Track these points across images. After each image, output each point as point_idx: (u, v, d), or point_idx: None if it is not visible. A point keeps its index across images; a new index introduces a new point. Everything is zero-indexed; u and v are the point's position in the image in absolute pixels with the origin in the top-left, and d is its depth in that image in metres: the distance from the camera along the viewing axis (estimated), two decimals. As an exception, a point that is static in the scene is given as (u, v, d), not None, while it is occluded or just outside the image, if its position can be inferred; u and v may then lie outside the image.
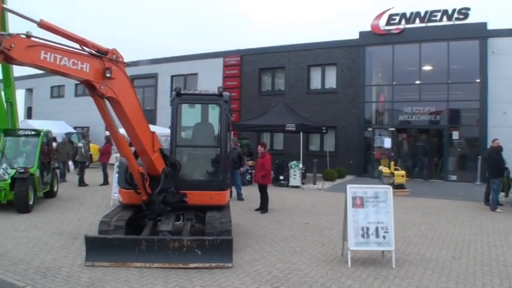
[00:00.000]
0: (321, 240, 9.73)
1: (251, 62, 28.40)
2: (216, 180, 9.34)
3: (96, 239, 7.87)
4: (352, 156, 24.85)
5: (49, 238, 9.56)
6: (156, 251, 7.55)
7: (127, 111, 7.74)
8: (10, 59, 5.99)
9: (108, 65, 7.28)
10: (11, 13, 6.33)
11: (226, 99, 9.47)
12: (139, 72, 30.82)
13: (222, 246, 7.63)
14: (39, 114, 39.00)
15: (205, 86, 22.35)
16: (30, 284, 6.73)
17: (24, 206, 12.31)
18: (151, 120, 28.15)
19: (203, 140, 10.11)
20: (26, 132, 14.91)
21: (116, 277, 7.03)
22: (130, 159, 8.38)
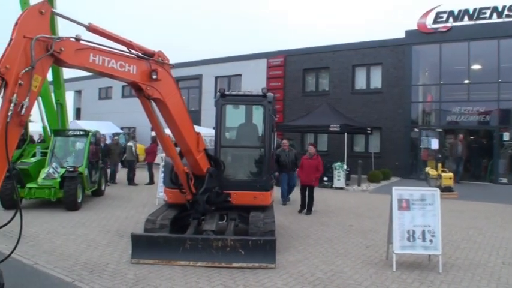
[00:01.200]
0: (365, 243, 9.61)
1: (295, 63, 28.28)
2: (260, 180, 9.37)
3: (142, 237, 8.03)
4: (398, 157, 24.36)
5: (96, 235, 9.82)
6: (200, 250, 7.63)
7: (173, 112, 7.86)
8: (60, 62, 6.17)
9: (155, 67, 7.41)
10: (61, 17, 6.52)
11: (270, 100, 9.48)
12: (184, 74, 31.23)
13: (265, 247, 7.63)
14: (87, 115, 40.09)
15: (249, 87, 22.37)
16: (78, 280, 6.93)
17: (73, 204, 12.67)
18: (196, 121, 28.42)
19: (247, 140, 10.15)
20: (75, 133, 15.34)
21: (161, 275, 7.15)
22: (175, 159, 8.52)
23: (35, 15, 5.75)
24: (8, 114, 5.33)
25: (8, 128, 5.34)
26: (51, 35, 5.95)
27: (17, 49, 5.47)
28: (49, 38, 5.83)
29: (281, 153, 14.65)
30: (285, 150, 14.82)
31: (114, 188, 17.87)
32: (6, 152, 5.38)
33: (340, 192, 18.53)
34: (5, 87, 5.40)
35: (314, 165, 13.04)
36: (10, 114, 5.34)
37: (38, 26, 5.73)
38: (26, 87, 5.49)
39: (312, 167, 13.06)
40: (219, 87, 12.16)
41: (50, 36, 5.90)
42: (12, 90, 5.37)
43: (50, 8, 6.04)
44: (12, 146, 5.58)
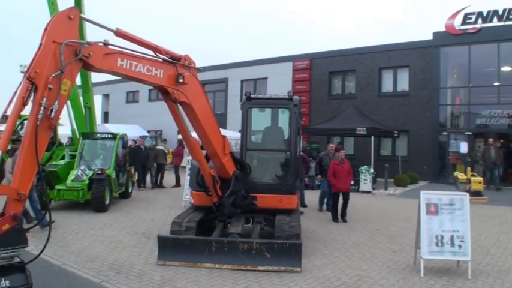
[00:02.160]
0: (392, 247, 9.49)
1: (321, 66, 28.18)
2: (286, 183, 9.35)
3: (168, 239, 8.09)
4: (426, 161, 24.01)
5: (123, 237, 9.93)
6: (225, 253, 7.65)
7: (199, 116, 7.90)
8: (89, 66, 6.27)
9: (181, 70, 7.47)
10: (89, 22, 6.63)
11: (296, 103, 9.46)
12: (210, 77, 31.41)
13: (291, 250, 7.61)
14: (115, 118, 40.65)
15: (274, 90, 22.36)
16: (105, 280, 7.02)
17: (101, 206, 12.84)
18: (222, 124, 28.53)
19: (273, 143, 10.14)
20: (103, 136, 15.57)
21: (186, 276, 7.19)
22: (202, 162, 8.56)
23: (64, 21, 5.85)
24: (38, 118, 5.45)
25: (38, 131, 5.46)
26: (79, 40, 6.05)
27: (46, 54, 5.58)
28: (78, 42, 5.93)
29: (324, 157, 14.22)
30: (329, 154, 14.24)
31: (140, 191, 18.04)
32: (36, 154, 5.48)
33: (367, 196, 18.35)
34: (35, 91, 5.52)
35: (346, 170, 12.46)
36: (40, 117, 5.45)
37: (67, 31, 5.83)
38: (55, 91, 5.60)
39: (344, 172, 12.39)
40: (244, 91, 12.22)
41: (79, 41, 6.00)
42: (42, 94, 5.47)
43: (79, 14, 6.14)
44: (42, 149, 5.69)
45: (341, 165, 12.36)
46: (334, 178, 12.32)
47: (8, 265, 5.45)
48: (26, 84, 5.44)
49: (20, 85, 5.52)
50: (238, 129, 9.97)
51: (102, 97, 43.74)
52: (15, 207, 5.45)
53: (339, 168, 12.31)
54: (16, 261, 5.54)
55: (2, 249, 5.36)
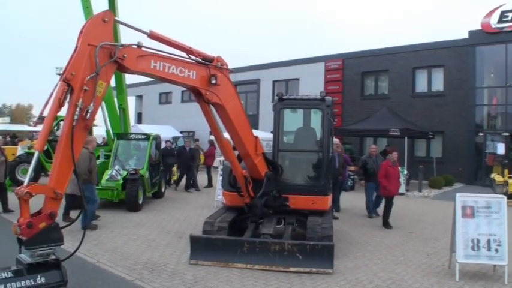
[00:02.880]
0: (426, 251, 9.32)
1: (353, 66, 27.92)
2: (318, 185, 9.29)
3: (201, 239, 8.14)
4: (461, 162, 23.48)
5: (156, 236, 10.05)
6: (257, 253, 7.65)
7: (231, 116, 7.94)
8: (123, 68, 6.38)
9: (214, 72, 7.51)
10: (123, 25, 6.73)
11: (329, 104, 9.39)
12: (242, 79, 31.50)
13: (323, 252, 7.56)
14: (148, 119, 41.22)
15: (306, 91, 22.27)
16: (138, 279, 7.12)
17: (134, 205, 13.03)
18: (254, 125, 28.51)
19: (305, 144, 10.10)
20: (136, 136, 15.78)
21: (218, 276, 7.22)
22: (234, 162, 8.60)
23: (98, 24, 5.97)
24: (74, 119, 5.56)
25: (74, 131, 5.57)
26: (114, 43, 6.15)
27: (82, 56, 5.70)
28: (112, 45, 6.03)
29: (368, 159, 13.53)
30: (372, 156, 13.59)
31: (173, 191, 18.19)
32: (72, 154, 5.60)
33: (400, 198, 17.97)
34: (71, 93, 5.64)
35: (398, 173, 12.05)
36: (76, 118, 5.57)
37: (101, 34, 5.94)
38: (90, 92, 5.71)
39: (396, 174, 11.94)
40: (276, 91, 12.21)
41: (113, 43, 6.11)
42: (78, 95, 5.59)
43: (113, 17, 6.25)
44: (77, 149, 5.81)
45: (393, 167, 11.85)
46: (386, 181, 11.66)
47: (44, 262, 5.59)
48: (62, 86, 5.57)
49: (56, 87, 5.65)
50: (270, 130, 9.93)
51: (136, 98, 44.37)
52: (52, 206, 5.58)
53: (391, 170, 11.74)
54: (52, 258, 5.67)
55: (38, 247, 5.49)
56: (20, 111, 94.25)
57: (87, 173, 10.71)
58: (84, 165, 10.66)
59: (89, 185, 10.79)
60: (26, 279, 5.43)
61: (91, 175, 10.87)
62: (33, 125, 37.54)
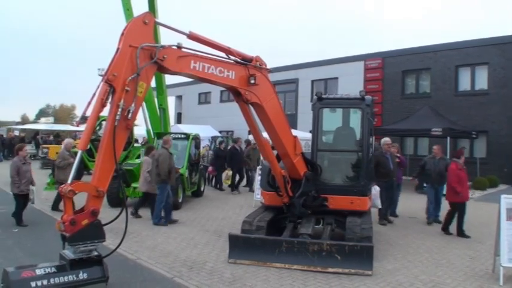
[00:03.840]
0: (469, 254, 9.08)
1: (393, 64, 27.44)
2: (358, 185, 9.19)
3: (239, 238, 8.17)
4: (507, 163, 22.76)
5: (195, 234, 10.16)
6: (295, 253, 7.63)
7: (270, 116, 7.95)
8: (163, 69, 6.49)
9: (253, 72, 7.54)
10: (163, 27, 6.83)
11: (369, 103, 9.28)
12: (280, 78, 31.44)
13: (362, 253, 7.47)
14: (187, 119, 41.68)
15: (346, 90, 22.03)
16: (177, 276, 7.22)
17: (174, 204, 13.14)
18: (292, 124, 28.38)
19: (344, 144, 10.01)
20: (176, 136, 15.96)
21: (256, 275, 7.25)
22: (273, 162, 8.60)
23: (139, 26, 6.09)
24: (116, 119, 5.69)
25: (116, 131, 5.70)
26: (154, 44, 6.26)
27: (123, 57, 5.83)
28: (153, 46, 6.15)
29: (428, 160, 12.55)
30: (435, 157, 12.43)
31: (211, 190, 18.28)
32: (114, 153, 5.73)
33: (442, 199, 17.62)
34: (113, 93, 5.77)
35: (466, 177, 11.00)
36: (118, 118, 5.69)
37: (142, 35, 6.07)
38: (132, 93, 5.83)
39: (466, 179, 10.93)
40: (315, 91, 12.11)
41: (154, 44, 6.23)
42: (120, 96, 5.72)
43: (153, 18, 6.37)
44: (119, 148, 5.94)
45: (463, 170, 10.84)
46: (459, 185, 10.57)
47: (86, 258, 5.75)
48: (105, 86, 5.71)
49: (98, 87, 5.79)
50: (308, 129, 9.90)
51: (176, 98, 44.92)
52: (94, 204, 5.73)
53: (461, 174, 10.71)
54: (94, 254, 5.83)
55: (81, 243, 5.64)
56: (64, 111, 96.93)
57: (167, 174, 11.08)
58: (165, 165, 11.08)
59: (165, 184, 11.14)
60: (69, 274, 5.60)
61: (170, 175, 11.21)
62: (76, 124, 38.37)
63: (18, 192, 10.66)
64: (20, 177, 10.57)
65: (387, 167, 11.88)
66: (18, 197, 10.72)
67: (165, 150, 11.43)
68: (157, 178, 11.14)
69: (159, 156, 11.13)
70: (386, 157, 11.98)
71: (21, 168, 10.58)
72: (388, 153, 12.18)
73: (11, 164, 10.90)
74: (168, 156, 11.24)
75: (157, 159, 11.10)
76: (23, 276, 5.36)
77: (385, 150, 12.17)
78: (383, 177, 11.60)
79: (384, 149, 12.18)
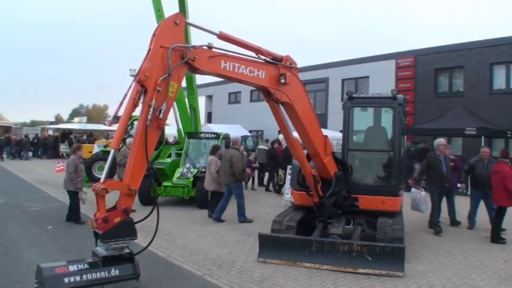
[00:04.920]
0: (503, 256, 8.87)
1: (426, 63, 26.95)
2: (389, 185, 9.09)
3: (269, 237, 8.18)
4: (543, 163, 22.10)
5: (225, 233, 10.21)
6: (325, 253, 7.59)
7: (301, 115, 7.94)
8: (194, 69, 6.55)
9: (283, 71, 7.54)
10: (193, 27, 6.88)
11: (400, 102, 9.16)
12: (310, 77, 31.28)
13: (393, 254, 7.38)
14: (218, 119, 41.88)
15: (377, 89, 21.79)
16: (207, 274, 7.28)
17: (204, 203, 13.22)
18: (322, 124, 28.29)
19: (376, 144, 9.91)
20: (207, 135, 16.07)
21: (286, 275, 7.23)
22: (303, 161, 8.58)
23: (170, 26, 6.17)
24: (148, 118, 5.77)
25: (148, 130, 5.78)
26: (185, 44, 6.32)
27: (155, 58, 5.91)
28: (184, 46, 6.22)
29: (477, 163, 11.22)
30: (483, 160, 11.23)
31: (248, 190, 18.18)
32: (146, 152, 5.81)
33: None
34: (145, 94, 5.86)
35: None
36: (149, 118, 5.77)
37: (173, 36, 6.14)
38: (163, 93, 5.91)
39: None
40: (345, 90, 11.97)
41: (185, 45, 6.29)
42: (152, 96, 5.80)
43: (184, 19, 6.43)
44: (151, 147, 6.03)
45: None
46: None
47: (118, 255, 5.85)
48: (137, 87, 5.80)
49: (130, 88, 5.88)
50: (339, 129, 9.83)
51: (206, 98, 45.27)
52: (126, 202, 5.83)
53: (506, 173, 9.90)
54: (126, 252, 5.92)
55: (113, 240, 5.75)
56: (96, 111, 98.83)
57: (241, 173, 11.45)
58: (240, 164, 11.42)
59: (240, 182, 11.64)
60: (101, 271, 5.71)
61: (243, 174, 11.60)
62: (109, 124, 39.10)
63: (73, 189, 10.96)
64: (77, 174, 10.87)
65: (440, 170, 10.84)
66: (73, 194, 10.97)
67: (236, 150, 11.89)
68: (232, 178, 11.51)
69: (231, 157, 11.51)
70: (440, 160, 10.91)
71: (78, 166, 10.91)
72: (442, 156, 11.02)
73: (68, 162, 11.17)
74: (240, 156, 11.68)
75: (230, 159, 11.48)
76: (56, 272, 5.47)
77: (440, 151, 11.03)
78: (434, 181, 10.90)
79: (439, 150, 11.03)
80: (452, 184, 11.77)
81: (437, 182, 10.88)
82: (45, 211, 11.96)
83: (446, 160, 11.11)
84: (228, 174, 11.48)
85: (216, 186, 11.94)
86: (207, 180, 12.09)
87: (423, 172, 11.17)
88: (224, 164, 11.59)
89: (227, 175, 11.51)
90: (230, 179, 11.50)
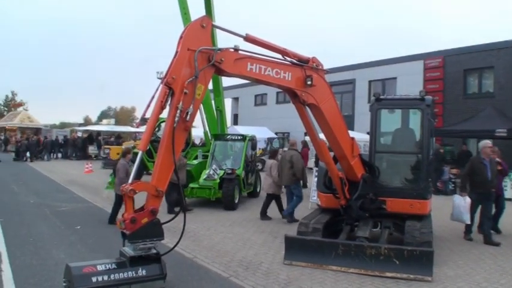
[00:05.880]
0: (536, 261, 8.63)
1: (455, 63, 26.48)
2: (417, 188, 8.96)
3: (295, 240, 8.15)
4: None
5: (251, 235, 10.22)
6: (352, 256, 7.53)
7: (327, 117, 7.90)
8: (221, 71, 6.60)
9: (309, 73, 7.52)
10: (220, 30, 6.91)
11: (429, 103, 9.02)
12: (337, 79, 31.08)
13: (421, 258, 7.26)
14: (244, 121, 42.01)
15: (404, 90, 21.51)
16: (233, 276, 7.28)
17: (231, 204, 13.34)
18: (349, 125, 28.00)
19: (403, 146, 9.79)
20: (233, 137, 16.14)
21: (312, 278, 7.20)
22: (329, 164, 8.53)
23: (197, 29, 6.22)
24: (175, 120, 5.82)
25: (175, 132, 5.84)
26: (212, 47, 6.36)
27: (182, 61, 5.97)
28: (210, 49, 6.27)
29: None
30: None
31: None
32: (173, 154, 5.86)
33: (508, 203, 16.84)
34: (172, 96, 5.91)
35: None
36: (177, 120, 5.82)
37: (200, 38, 6.19)
38: (190, 95, 5.95)
39: None
40: (372, 92, 11.85)
41: (212, 47, 6.34)
42: (179, 98, 5.85)
43: (211, 22, 6.48)
44: (178, 149, 6.08)
45: None
46: None
47: (146, 255, 5.91)
48: (164, 89, 5.86)
49: (157, 90, 5.95)
50: (366, 131, 9.73)
51: (232, 100, 45.46)
52: (154, 203, 5.90)
53: None
54: (153, 252, 5.98)
55: (140, 241, 5.81)
56: (124, 113, 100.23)
57: (301, 172, 11.70)
58: (300, 164, 11.66)
59: (299, 183, 11.90)
60: (128, 270, 5.78)
61: (304, 173, 11.87)
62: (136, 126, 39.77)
63: None
64: (127, 178, 11.00)
65: (484, 175, 10.08)
66: (120, 198, 11.14)
67: (295, 151, 12.12)
68: (292, 178, 11.74)
69: (291, 157, 11.71)
70: (485, 164, 10.12)
71: (128, 170, 11.08)
72: (487, 159, 10.24)
73: (118, 166, 11.30)
74: (300, 156, 11.90)
75: (290, 160, 11.67)
76: (84, 271, 5.56)
77: (485, 155, 10.26)
78: (477, 187, 10.14)
79: (484, 153, 10.26)
80: (499, 189, 11.09)
81: (480, 188, 10.13)
82: (73, 211, 12.13)
83: (492, 164, 10.32)
84: (288, 174, 11.69)
85: (275, 189, 12.19)
86: (268, 184, 12.36)
87: (466, 177, 10.38)
88: (284, 165, 11.77)
89: (287, 176, 11.73)
90: (290, 179, 11.74)
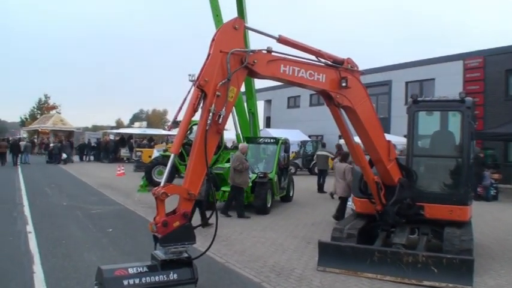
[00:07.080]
0: None
1: (496, 63, 25.69)
2: (457, 193, 8.65)
3: (329, 245, 7.99)
4: None
5: (284, 240, 10.06)
6: (388, 264, 7.31)
7: (363, 120, 7.73)
8: (253, 73, 6.50)
9: (344, 74, 7.36)
10: (252, 31, 6.81)
11: (469, 105, 8.70)
12: (372, 80, 30.65)
13: (461, 266, 6.98)
14: (276, 123, 41.91)
15: (443, 91, 20.96)
16: (265, 281, 7.15)
17: (263, 208, 13.21)
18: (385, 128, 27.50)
19: (442, 149, 9.48)
20: (265, 140, 16.04)
21: (346, 285, 7.03)
22: (365, 168, 8.34)
23: (229, 31, 6.15)
24: (207, 123, 5.75)
25: (208, 135, 5.77)
26: (245, 49, 6.27)
27: (214, 63, 5.91)
28: (243, 51, 6.18)
29: None
30: None
31: (301, 195, 18.07)
32: (206, 157, 5.79)
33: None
34: (204, 99, 5.85)
35: None
36: (209, 123, 5.75)
37: (232, 40, 6.12)
38: (223, 98, 5.88)
39: None
40: (410, 93, 11.56)
41: (244, 49, 6.25)
42: (211, 101, 5.78)
43: (243, 23, 6.40)
44: (210, 152, 6.01)
45: None
46: None
47: (177, 259, 5.86)
48: (196, 92, 5.80)
49: (189, 93, 5.90)
50: (402, 133, 9.47)
51: (265, 103, 45.45)
52: (186, 206, 5.83)
53: None
54: (184, 256, 5.92)
55: (172, 244, 5.75)
56: (156, 116, 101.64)
57: None
58: None
59: None
60: (160, 274, 5.73)
61: None
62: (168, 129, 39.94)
63: None
64: None
65: None
66: None
67: None
68: None
69: None
70: None
71: None
72: None
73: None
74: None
75: None
76: (116, 274, 5.53)
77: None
78: None
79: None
80: None
81: None
82: (105, 214, 12.22)
83: None
84: None
85: (349, 193, 12.09)
86: (342, 187, 12.38)
87: None
88: None
89: None
90: None
